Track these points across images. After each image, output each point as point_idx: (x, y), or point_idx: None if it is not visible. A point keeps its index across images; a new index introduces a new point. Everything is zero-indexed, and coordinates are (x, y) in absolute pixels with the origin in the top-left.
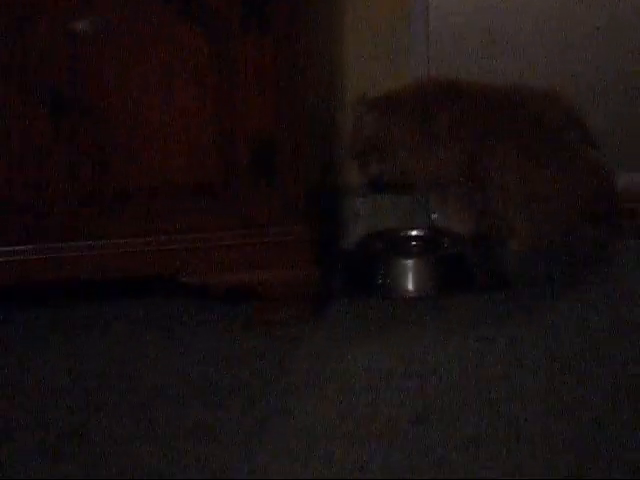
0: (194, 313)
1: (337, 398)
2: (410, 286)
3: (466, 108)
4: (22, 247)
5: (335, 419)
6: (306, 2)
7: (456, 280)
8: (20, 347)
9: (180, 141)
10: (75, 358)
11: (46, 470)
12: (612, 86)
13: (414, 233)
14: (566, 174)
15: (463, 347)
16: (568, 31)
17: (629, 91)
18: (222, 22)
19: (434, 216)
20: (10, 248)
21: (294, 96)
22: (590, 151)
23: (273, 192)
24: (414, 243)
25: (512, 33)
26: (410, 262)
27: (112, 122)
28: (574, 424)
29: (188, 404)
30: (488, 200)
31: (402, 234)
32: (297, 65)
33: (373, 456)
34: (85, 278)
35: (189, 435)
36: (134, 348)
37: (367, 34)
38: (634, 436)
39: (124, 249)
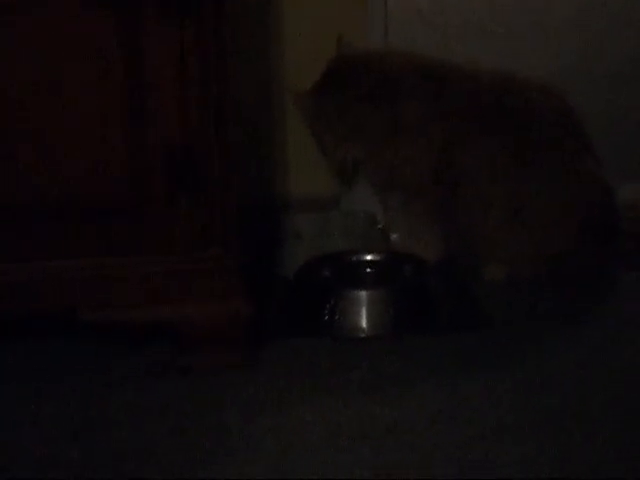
0: (96, 357)
1: (272, 462)
2: (364, 323)
3: (441, 96)
4: None
5: None
6: None
7: (419, 316)
8: None
9: (81, 151)
10: None
11: None
12: (612, 80)
13: (369, 258)
14: (558, 185)
15: (427, 401)
16: (555, 15)
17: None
18: (135, 7)
19: (394, 237)
20: None
21: (220, 97)
22: (587, 159)
23: (194, 211)
24: (369, 270)
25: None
26: (364, 294)
27: None
28: None
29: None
30: (461, 213)
31: (354, 259)
32: (224, 60)
33: None
34: None
35: None
36: None
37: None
38: None
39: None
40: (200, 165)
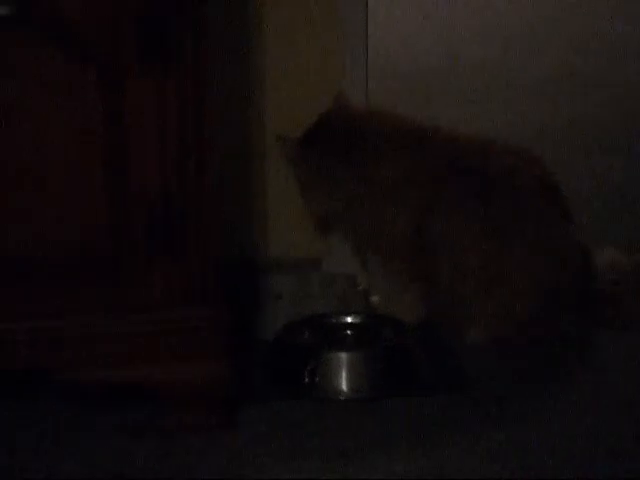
0: (69, 418)
1: None
2: (344, 386)
3: (420, 158)
4: None
5: None
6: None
7: (400, 378)
8: None
9: (58, 204)
10: None
11: None
12: (585, 142)
13: (349, 320)
14: (537, 252)
15: (408, 466)
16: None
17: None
18: (116, 59)
19: (374, 299)
20: None
21: (201, 150)
22: (565, 225)
23: (173, 267)
24: (349, 332)
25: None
26: (344, 355)
27: None
28: None
29: None
30: (440, 276)
31: (334, 321)
32: (204, 112)
33: None
34: None
35: None
36: None
37: (293, 71)
38: None
39: None
40: (181, 223)
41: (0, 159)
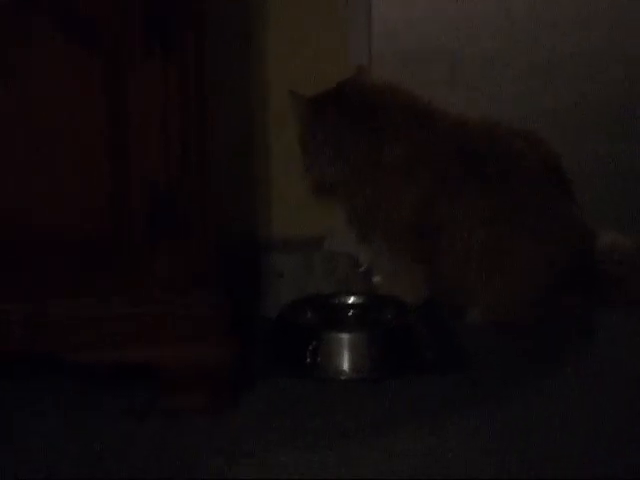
0: (74, 398)
1: None
2: (345, 366)
3: (430, 139)
4: None
5: None
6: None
7: (401, 359)
8: None
9: (64, 190)
10: None
11: None
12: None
13: (351, 300)
14: (541, 233)
15: (410, 444)
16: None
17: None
18: (121, 49)
19: (376, 279)
20: None
21: (203, 135)
22: (569, 206)
23: (176, 252)
24: (351, 313)
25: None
26: (346, 336)
27: None
28: None
29: None
30: (441, 258)
31: (337, 301)
32: (206, 96)
33: None
34: None
35: None
36: None
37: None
38: None
39: None
40: (183, 206)
41: (5, 144)
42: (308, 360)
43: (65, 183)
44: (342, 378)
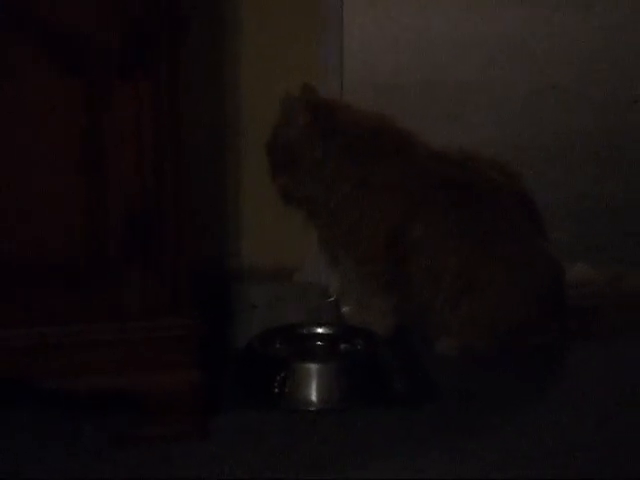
0: (47, 426)
1: None
2: (313, 397)
3: (408, 165)
4: None
5: None
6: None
7: (371, 389)
8: None
9: (36, 209)
10: None
11: None
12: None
13: (320, 330)
14: (513, 263)
15: (380, 476)
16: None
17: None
18: (99, 68)
19: (345, 309)
20: None
21: (177, 157)
22: (540, 239)
23: (149, 275)
24: (320, 343)
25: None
26: (314, 367)
27: None
28: None
29: None
30: (411, 284)
31: (306, 331)
32: (181, 120)
33: None
34: None
35: None
36: None
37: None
38: None
39: None
40: (158, 230)
41: None
42: (276, 390)
43: (37, 201)
44: (310, 409)
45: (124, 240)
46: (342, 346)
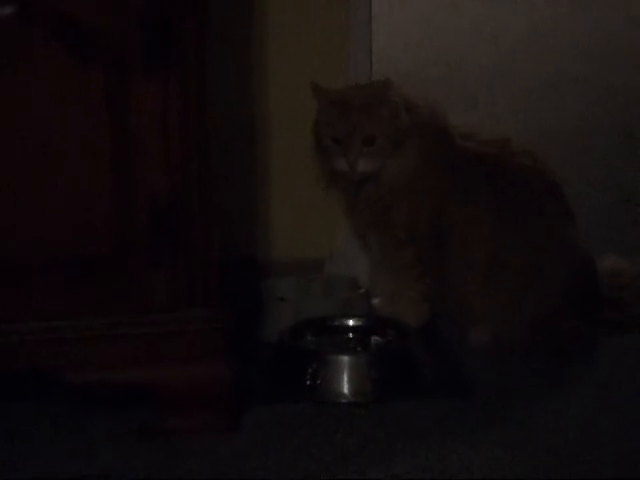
0: (74, 420)
1: None
2: (345, 389)
3: (441, 151)
4: None
5: None
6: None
7: (402, 381)
8: None
9: (66, 207)
10: None
11: None
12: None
13: (351, 322)
14: (544, 252)
15: (410, 467)
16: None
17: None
18: (122, 65)
19: (375, 301)
20: None
21: (204, 152)
22: (569, 227)
23: (177, 270)
24: (351, 335)
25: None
26: (345, 359)
27: None
28: None
29: None
30: (447, 273)
31: (337, 323)
32: (206, 114)
33: None
34: None
35: None
36: None
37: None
38: None
39: None
40: (185, 225)
41: (5, 159)
42: (308, 383)
43: (66, 199)
44: (342, 401)
45: (152, 236)
46: (373, 338)
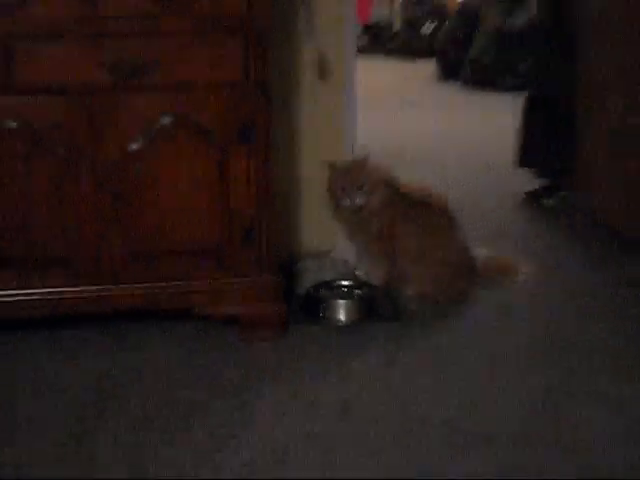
0: (207, 333)
1: (295, 386)
2: (342, 317)
3: (392, 196)
4: (88, 287)
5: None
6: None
7: (370, 314)
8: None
9: (196, 222)
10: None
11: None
12: None
13: (345, 283)
14: (447, 245)
15: (375, 359)
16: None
17: None
18: (227, 144)
19: (357, 272)
20: (78, 288)
21: (267, 189)
22: (457, 234)
23: (253, 254)
24: (345, 289)
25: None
26: (342, 302)
27: (148, 209)
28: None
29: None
30: (394, 255)
31: (337, 284)
32: (270, 167)
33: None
34: (139, 309)
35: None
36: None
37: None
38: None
39: (160, 290)
40: (257, 230)
41: (172, 199)
42: (321, 315)
43: (198, 218)
44: (339, 324)
45: (242, 237)
46: (356, 291)
